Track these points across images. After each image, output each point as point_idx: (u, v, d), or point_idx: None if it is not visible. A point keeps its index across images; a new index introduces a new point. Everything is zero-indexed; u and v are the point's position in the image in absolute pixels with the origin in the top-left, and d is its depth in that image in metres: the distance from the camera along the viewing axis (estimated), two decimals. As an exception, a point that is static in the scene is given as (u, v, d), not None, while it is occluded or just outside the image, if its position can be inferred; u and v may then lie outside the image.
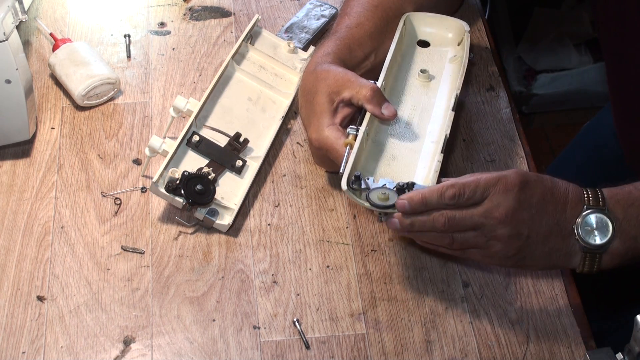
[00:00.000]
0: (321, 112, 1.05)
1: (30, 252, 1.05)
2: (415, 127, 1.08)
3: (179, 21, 1.31)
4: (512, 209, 0.90)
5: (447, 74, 1.15)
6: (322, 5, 1.31)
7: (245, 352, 0.97)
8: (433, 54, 1.17)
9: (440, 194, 0.90)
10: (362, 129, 1.02)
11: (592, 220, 0.92)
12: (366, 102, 1.03)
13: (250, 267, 1.04)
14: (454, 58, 1.16)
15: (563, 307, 1.02)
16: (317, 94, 1.06)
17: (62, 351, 0.97)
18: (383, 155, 1.04)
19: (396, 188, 0.94)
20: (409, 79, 1.14)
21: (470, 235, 0.92)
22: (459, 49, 1.17)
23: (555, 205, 0.92)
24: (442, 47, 1.18)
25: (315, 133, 1.05)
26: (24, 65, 1.11)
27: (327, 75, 1.06)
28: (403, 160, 1.04)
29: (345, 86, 1.04)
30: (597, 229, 0.92)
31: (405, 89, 1.12)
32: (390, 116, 1.03)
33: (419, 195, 0.91)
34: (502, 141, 1.17)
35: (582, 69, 2.29)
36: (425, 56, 1.17)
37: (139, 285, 1.03)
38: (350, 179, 0.96)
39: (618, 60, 1.17)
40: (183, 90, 1.22)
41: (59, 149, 1.15)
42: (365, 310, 1.01)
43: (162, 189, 1.04)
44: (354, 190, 0.96)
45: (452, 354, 0.98)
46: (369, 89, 1.03)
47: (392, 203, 0.93)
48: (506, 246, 0.92)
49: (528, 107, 2.31)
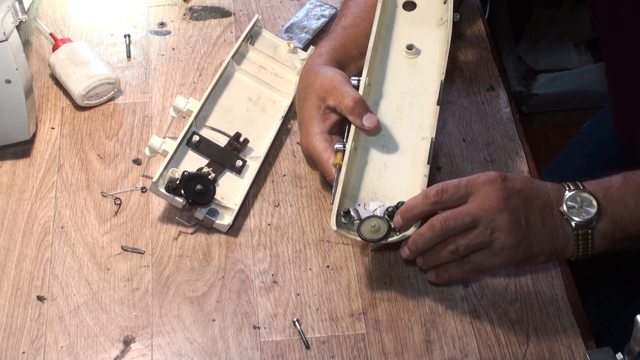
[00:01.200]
0: (310, 118, 1.05)
1: (30, 252, 1.05)
2: (406, 121, 1.06)
3: (179, 21, 1.31)
4: (502, 196, 0.93)
5: (434, 44, 1.10)
6: (322, 5, 1.31)
7: (245, 352, 0.97)
8: (421, 19, 1.13)
9: (424, 195, 0.94)
10: (349, 145, 1.01)
11: (577, 198, 0.94)
12: (348, 113, 1.02)
13: (250, 267, 1.04)
14: (441, 22, 1.12)
15: (563, 307, 1.02)
16: (305, 100, 1.06)
17: (62, 351, 0.97)
18: (374, 165, 1.03)
19: (386, 214, 0.96)
20: (395, 58, 1.10)
21: (473, 235, 0.93)
22: (444, 9, 1.12)
23: (539, 192, 0.95)
24: (431, 7, 1.13)
25: (304, 141, 1.06)
26: (24, 65, 1.11)
27: (314, 81, 1.05)
28: (394, 168, 1.03)
29: (330, 93, 1.03)
30: (583, 207, 0.94)
31: (392, 72, 1.09)
32: (372, 128, 1.01)
33: (406, 205, 0.95)
34: (502, 141, 1.17)
35: (582, 69, 2.29)
36: (412, 22, 1.13)
37: (139, 285, 1.03)
38: (339, 217, 0.97)
39: (617, 60, 1.17)
40: (183, 90, 1.22)
41: (59, 149, 1.15)
42: (365, 310, 1.01)
43: (162, 189, 1.04)
44: (345, 225, 0.97)
45: (452, 354, 0.98)
46: (350, 99, 1.02)
47: (383, 234, 0.95)
48: (510, 234, 0.92)
49: (528, 107, 2.31)
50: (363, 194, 1.01)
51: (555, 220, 0.94)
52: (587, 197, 0.94)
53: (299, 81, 1.10)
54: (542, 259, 0.95)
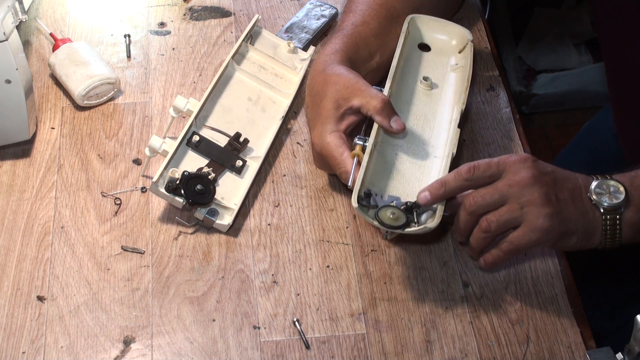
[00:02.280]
0: (327, 117, 1.05)
1: (30, 252, 1.05)
2: (419, 139, 1.07)
3: (179, 21, 1.31)
4: (533, 173, 0.94)
5: (449, 83, 1.14)
6: (322, 5, 1.31)
7: (245, 352, 0.97)
8: (435, 60, 1.17)
9: (456, 173, 0.96)
10: (371, 141, 1.02)
11: (603, 186, 0.96)
12: (376, 113, 1.03)
13: (250, 267, 1.04)
14: (456, 66, 1.16)
15: (563, 307, 1.02)
16: (325, 97, 1.06)
17: (62, 351, 0.97)
18: (389, 168, 1.04)
19: (404, 207, 0.97)
20: (411, 86, 1.13)
21: (503, 210, 0.94)
22: (460, 57, 1.16)
23: (568, 177, 0.96)
24: (444, 53, 1.18)
25: (317, 138, 1.05)
26: (24, 65, 1.11)
27: (337, 80, 1.05)
28: (408, 175, 1.04)
29: (355, 94, 1.04)
30: (611, 193, 0.95)
31: (407, 96, 1.12)
32: (399, 130, 1.03)
33: (438, 182, 0.96)
34: (502, 141, 1.17)
35: (582, 69, 2.29)
36: (427, 61, 1.17)
37: (139, 285, 1.03)
38: (361, 195, 0.97)
39: (617, 60, 1.17)
40: (183, 90, 1.22)
41: (59, 149, 1.15)
42: (365, 310, 1.01)
43: (162, 189, 1.04)
44: (363, 207, 0.97)
45: (452, 354, 0.98)
46: (379, 100, 1.02)
47: (402, 223, 0.95)
48: (542, 206, 0.93)
49: (528, 107, 2.31)
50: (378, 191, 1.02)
51: (585, 203, 0.95)
52: (615, 184, 0.95)
53: (313, 76, 1.09)
54: (575, 239, 0.95)
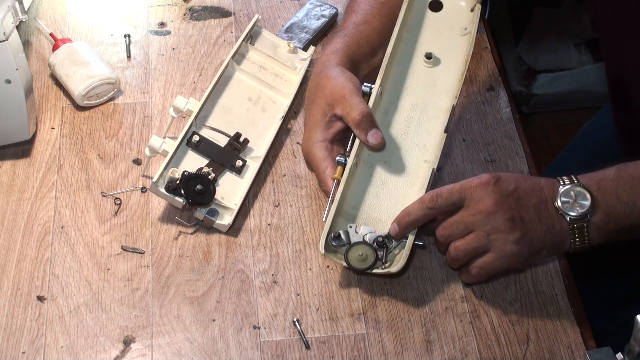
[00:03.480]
0: (314, 123, 1.05)
1: (30, 252, 1.05)
2: (412, 137, 1.06)
3: (179, 21, 1.31)
4: (495, 199, 0.94)
5: (455, 55, 1.09)
6: (322, 5, 1.31)
7: (245, 352, 0.97)
8: (444, 23, 1.11)
9: (420, 202, 0.97)
10: (350, 161, 1.01)
11: (570, 193, 0.95)
12: (354, 126, 1.01)
13: (250, 267, 1.04)
14: (465, 31, 1.10)
15: (563, 307, 1.02)
16: (313, 103, 1.06)
17: (62, 351, 0.97)
18: (372, 182, 1.04)
19: (375, 243, 0.98)
20: (413, 65, 1.10)
21: (469, 239, 0.96)
22: (469, 21, 1.11)
23: (532, 190, 0.96)
24: (456, 13, 1.12)
25: (305, 145, 1.06)
26: (24, 65, 1.11)
27: (325, 85, 1.05)
28: (392, 188, 1.03)
29: (339, 102, 1.03)
30: (577, 201, 0.95)
31: (407, 80, 1.09)
32: (375, 144, 1.01)
33: (403, 212, 0.98)
34: (502, 141, 1.17)
35: (582, 69, 2.29)
36: (435, 26, 1.11)
37: (139, 285, 1.03)
38: (329, 240, 0.99)
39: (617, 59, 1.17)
40: (183, 90, 1.22)
41: (59, 149, 1.15)
42: (365, 310, 1.01)
43: (162, 189, 1.04)
44: (334, 247, 0.99)
45: (452, 354, 0.98)
46: (358, 112, 1.01)
47: (369, 265, 0.97)
48: (509, 232, 0.94)
49: (528, 107, 2.31)
50: (357, 213, 1.02)
51: (551, 215, 0.96)
52: (581, 191, 0.95)
53: (311, 78, 1.10)
54: (545, 253, 0.97)
